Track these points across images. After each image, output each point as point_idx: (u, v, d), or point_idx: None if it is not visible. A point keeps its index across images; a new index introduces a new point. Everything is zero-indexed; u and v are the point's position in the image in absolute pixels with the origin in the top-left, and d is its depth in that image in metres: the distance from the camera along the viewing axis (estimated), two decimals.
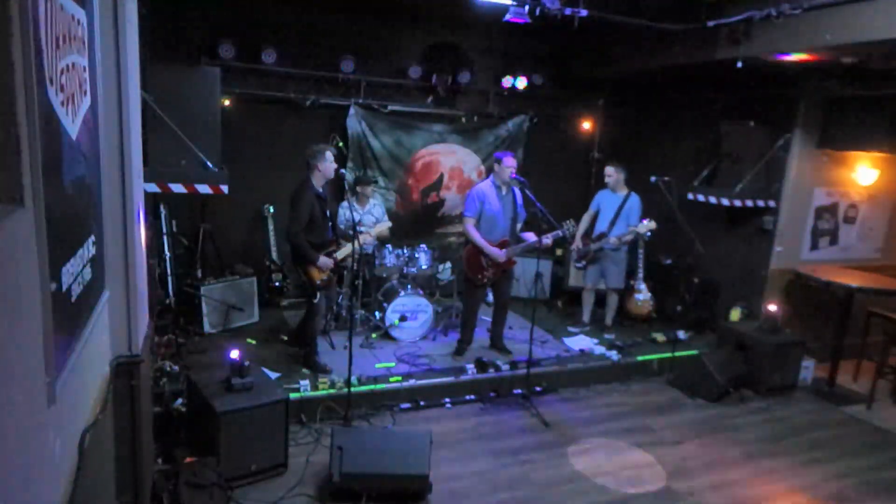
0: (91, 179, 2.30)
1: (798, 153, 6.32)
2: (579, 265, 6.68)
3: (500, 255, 5.49)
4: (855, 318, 6.07)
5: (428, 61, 6.99)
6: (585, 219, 6.64)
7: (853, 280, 5.96)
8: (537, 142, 7.88)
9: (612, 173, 6.48)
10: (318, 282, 5.04)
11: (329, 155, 4.99)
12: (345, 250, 5.26)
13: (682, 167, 6.80)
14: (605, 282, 6.58)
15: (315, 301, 5.10)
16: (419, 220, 7.55)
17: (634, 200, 6.43)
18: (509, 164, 5.49)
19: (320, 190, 5.03)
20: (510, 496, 4.00)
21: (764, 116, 6.30)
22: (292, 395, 4.45)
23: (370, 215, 6.28)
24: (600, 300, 6.80)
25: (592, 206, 6.69)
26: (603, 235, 6.46)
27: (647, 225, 6.12)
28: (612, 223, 6.42)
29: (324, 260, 4.98)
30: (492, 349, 5.97)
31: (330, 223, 5.20)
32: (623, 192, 6.48)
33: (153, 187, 4.54)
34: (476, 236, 5.52)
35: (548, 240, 5.38)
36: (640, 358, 6.10)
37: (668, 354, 6.08)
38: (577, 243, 6.56)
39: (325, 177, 5.01)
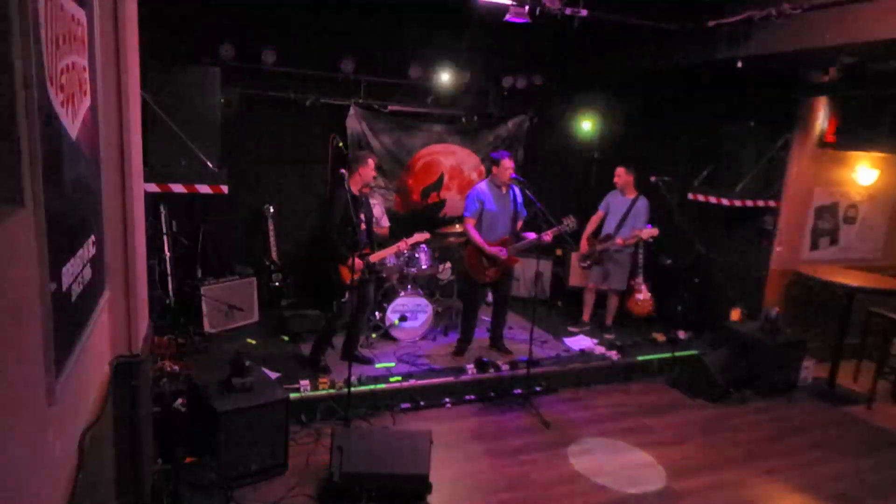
0: (91, 179, 2.30)
1: (798, 153, 6.32)
2: (584, 264, 6.68)
3: (501, 253, 5.48)
4: (855, 318, 6.07)
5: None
6: (593, 220, 6.64)
7: (853, 280, 5.96)
8: (537, 142, 7.88)
9: (621, 174, 6.47)
10: (350, 282, 5.05)
11: (371, 162, 5.09)
12: (380, 253, 5.28)
13: (682, 167, 6.80)
14: (608, 283, 6.58)
15: (343, 301, 5.09)
16: (419, 220, 7.54)
17: (642, 203, 6.44)
18: (508, 164, 5.50)
19: (356, 193, 5.05)
20: (510, 496, 4.00)
21: (764, 116, 6.30)
22: (292, 395, 4.45)
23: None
24: (600, 300, 6.80)
25: (601, 207, 6.68)
26: (609, 237, 6.46)
27: (650, 231, 6.16)
28: (619, 226, 6.43)
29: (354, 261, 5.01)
30: (492, 349, 5.97)
31: (365, 227, 5.17)
32: (632, 195, 6.48)
33: (153, 187, 4.54)
34: (476, 237, 5.52)
35: (548, 236, 5.38)
36: (640, 358, 6.10)
37: (668, 354, 6.08)
38: (583, 244, 6.55)
39: (364, 181, 5.08)
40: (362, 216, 5.10)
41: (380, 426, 4.69)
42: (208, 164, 4.74)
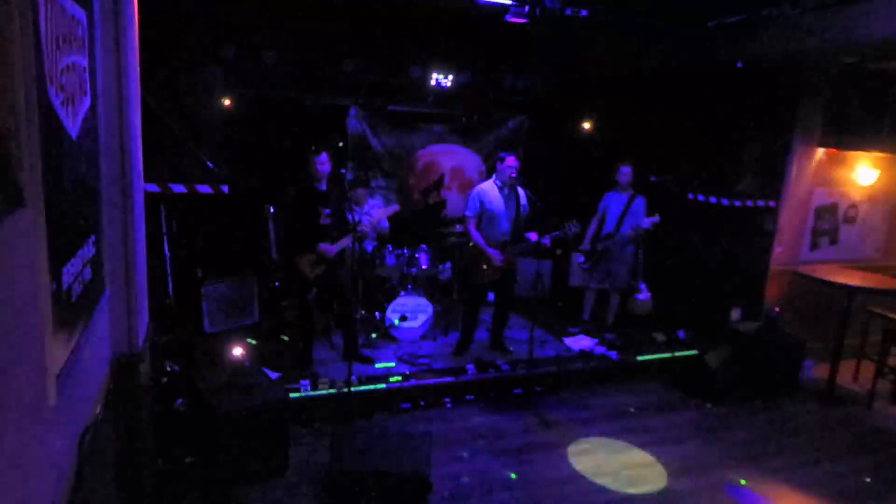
0: (91, 179, 2.30)
1: (798, 153, 6.32)
2: (585, 266, 6.67)
3: (496, 256, 5.49)
4: (855, 318, 6.07)
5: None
6: (594, 222, 6.63)
7: (853, 280, 5.97)
8: (537, 142, 7.87)
9: (627, 172, 6.46)
10: (312, 278, 5.05)
11: (324, 157, 5.04)
12: (341, 242, 5.19)
13: (682, 167, 6.80)
14: (611, 282, 6.58)
15: (309, 297, 5.10)
16: (420, 220, 7.53)
17: (640, 200, 6.45)
18: (511, 163, 5.50)
19: (320, 186, 5.07)
20: (510, 496, 4.00)
21: (764, 116, 6.30)
22: (292, 395, 4.45)
23: (369, 216, 6.27)
24: (601, 300, 6.80)
25: (600, 209, 6.68)
26: (610, 236, 6.45)
27: (651, 220, 6.16)
28: (619, 223, 6.42)
29: (324, 246, 5.03)
30: (492, 349, 5.97)
31: (331, 217, 5.17)
32: (629, 191, 6.48)
33: (153, 187, 4.54)
34: (476, 236, 5.52)
35: (546, 241, 5.38)
36: (640, 358, 6.10)
37: (668, 354, 6.07)
38: (586, 246, 6.54)
39: (321, 174, 5.07)
40: (327, 208, 5.12)
41: (380, 426, 4.69)
42: (208, 164, 4.74)
